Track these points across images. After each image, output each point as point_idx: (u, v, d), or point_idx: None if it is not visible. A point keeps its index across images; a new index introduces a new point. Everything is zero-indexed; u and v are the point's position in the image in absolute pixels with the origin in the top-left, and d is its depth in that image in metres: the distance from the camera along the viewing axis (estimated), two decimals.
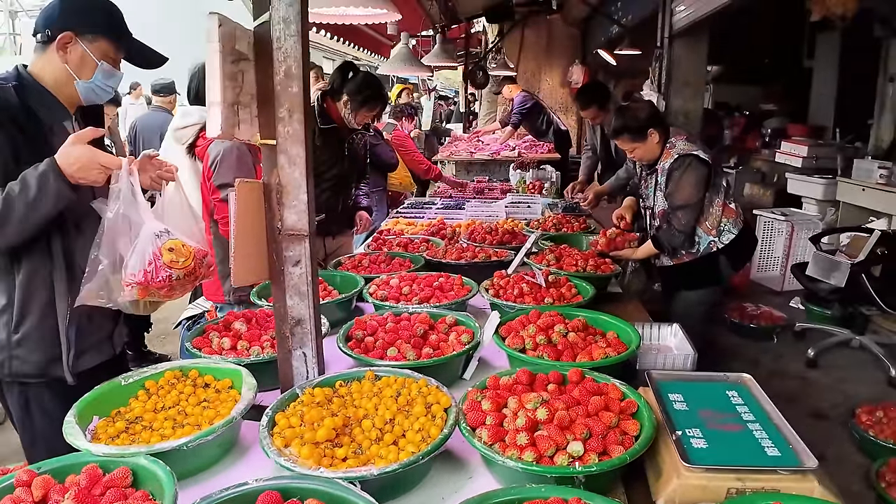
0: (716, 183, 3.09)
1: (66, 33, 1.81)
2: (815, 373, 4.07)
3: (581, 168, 5.02)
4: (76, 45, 1.83)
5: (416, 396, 1.58)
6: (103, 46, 1.88)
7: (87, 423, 1.59)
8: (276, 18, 1.53)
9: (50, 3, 1.86)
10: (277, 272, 1.69)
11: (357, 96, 3.40)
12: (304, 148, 1.58)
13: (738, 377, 1.76)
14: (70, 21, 1.82)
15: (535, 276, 2.55)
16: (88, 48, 1.85)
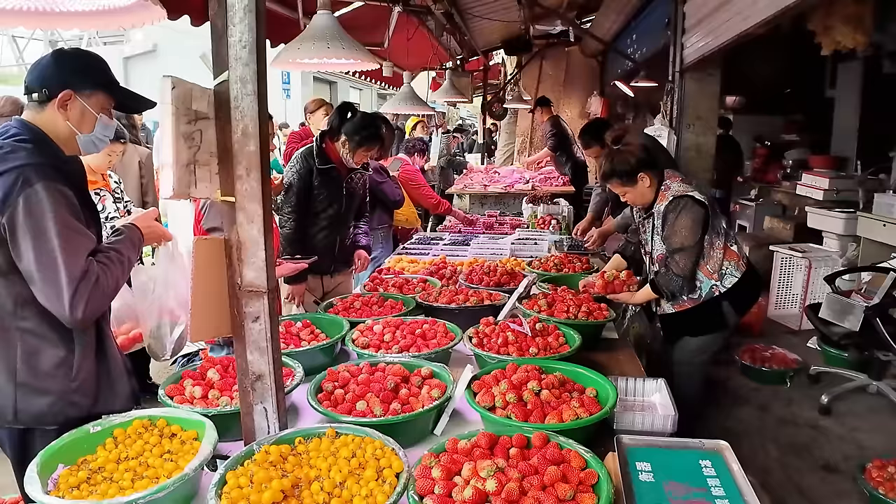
0: (714, 225, 3.01)
1: (65, 91, 1.84)
2: (828, 421, 3.90)
3: (590, 205, 4.95)
4: (75, 102, 1.87)
5: (370, 459, 1.54)
6: (100, 99, 1.93)
7: (52, 472, 1.60)
8: (233, 78, 1.53)
9: (41, 62, 1.90)
10: (239, 327, 1.67)
11: (354, 136, 3.43)
12: (261, 205, 1.58)
13: (714, 444, 1.68)
14: (68, 79, 1.86)
15: (521, 323, 2.50)
16: (87, 103, 1.89)
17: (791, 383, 4.41)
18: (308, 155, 3.52)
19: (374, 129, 3.47)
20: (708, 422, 3.84)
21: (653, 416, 1.96)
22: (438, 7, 4.83)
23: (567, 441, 1.60)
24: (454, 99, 6.68)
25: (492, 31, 8.28)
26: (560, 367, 2.10)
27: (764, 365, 4.47)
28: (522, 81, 9.35)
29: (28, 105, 1.90)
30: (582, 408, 1.81)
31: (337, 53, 2.28)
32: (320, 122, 4.87)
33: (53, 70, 1.86)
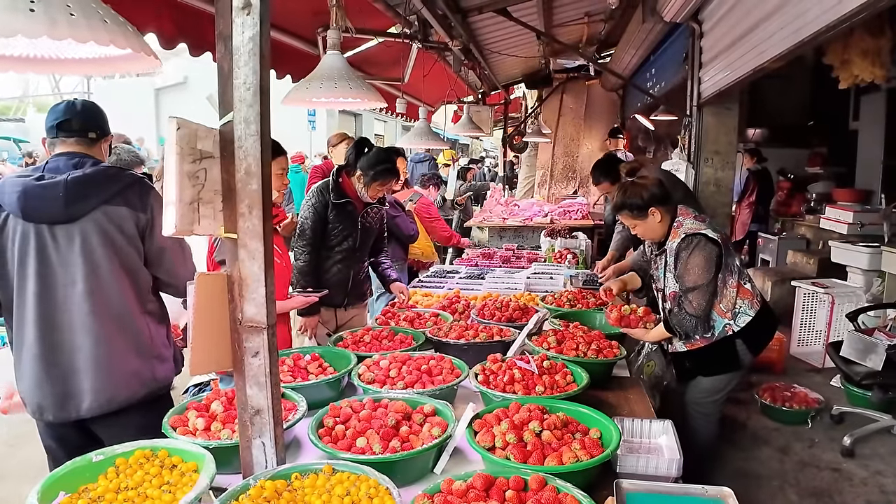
0: (728, 263, 2.97)
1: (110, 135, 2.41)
2: (851, 463, 3.78)
3: (612, 243, 4.88)
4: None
5: (363, 498, 1.54)
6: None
7: (53, 499, 1.62)
8: (237, 119, 1.57)
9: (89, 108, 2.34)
10: (239, 361, 1.69)
11: (369, 171, 3.47)
12: (262, 243, 1.60)
13: (718, 491, 1.63)
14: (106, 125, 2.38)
15: (529, 361, 2.48)
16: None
17: (812, 424, 4.29)
18: (324, 189, 3.57)
19: (389, 164, 3.52)
20: (725, 463, 3.75)
21: (657, 459, 1.92)
22: (456, 43, 4.91)
23: (565, 485, 1.57)
24: (472, 133, 6.75)
25: (512, 66, 8.38)
26: (564, 407, 2.08)
27: (784, 404, 4.36)
28: (543, 115, 9.40)
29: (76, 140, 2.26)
30: (583, 450, 1.78)
31: (344, 93, 2.34)
32: (342, 155, 4.94)
33: (103, 117, 2.36)
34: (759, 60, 3.86)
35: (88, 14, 1.09)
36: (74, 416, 2.22)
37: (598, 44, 7.91)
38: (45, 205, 2.11)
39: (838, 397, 4.61)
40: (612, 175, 4.22)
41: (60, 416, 2.23)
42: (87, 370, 2.19)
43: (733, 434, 4.16)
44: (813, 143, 8.53)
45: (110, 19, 1.14)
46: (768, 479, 3.65)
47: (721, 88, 4.68)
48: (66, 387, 2.20)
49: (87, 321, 2.18)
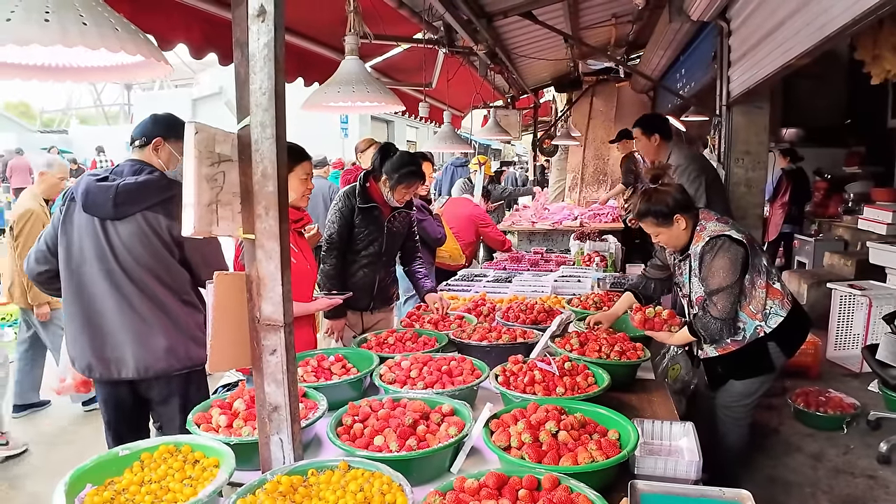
0: (755, 263, 2.91)
1: (157, 139, 2.67)
2: (888, 471, 3.66)
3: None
4: (165, 147, 2.68)
5: (376, 494, 1.55)
6: (180, 146, 2.52)
7: (80, 490, 1.68)
8: (254, 123, 1.61)
9: (143, 120, 2.75)
10: (257, 359, 1.73)
11: (394, 174, 3.50)
12: (278, 243, 1.64)
13: (735, 494, 1.61)
14: (160, 131, 2.67)
15: (550, 362, 2.48)
16: (173, 149, 2.68)
17: (848, 429, 4.18)
18: (350, 194, 3.61)
19: (414, 167, 3.53)
20: (755, 470, 3.67)
21: (676, 461, 1.89)
22: (481, 48, 4.93)
23: (578, 485, 1.57)
24: (499, 137, 6.76)
25: (541, 69, 8.36)
26: (582, 408, 2.07)
27: (819, 409, 4.26)
28: (573, 118, 9.36)
29: (136, 149, 2.70)
30: (599, 450, 1.77)
31: (362, 97, 2.37)
32: (369, 161, 5.00)
33: (151, 125, 2.70)
34: (786, 58, 3.79)
35: (100, 23, 1.14)
36: (117, 377, 2.64)
37: (627, 45, 7.84)
38: (100, 203, 2.54)
39: (876, 402, 4.48)
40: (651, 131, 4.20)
41: (105, 375, 2.65)
42: (128, 342, 2.60)
43: (765, 440, 4.07)
44: (850, 142, 8.32)
45: (121, 27, 1.19)
46: (800, 487, 3.57)
47: (750, 87, 4.60)
48: (111, 353, 2.62)
49: (128, 301, 2.59)
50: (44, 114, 33.22)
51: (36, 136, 25.05)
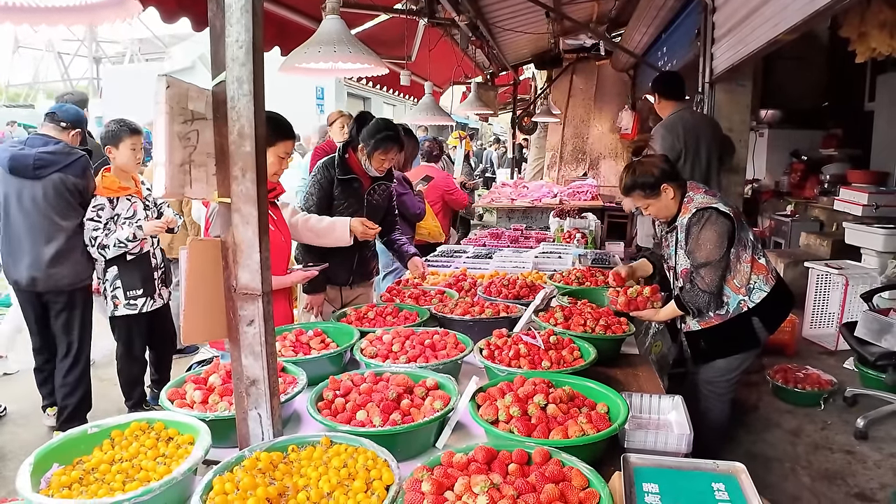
0: (741, 237, 2.89)
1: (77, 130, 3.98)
2: (865, 446, 3.71)
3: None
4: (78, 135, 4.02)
5: (360, 470, 1.48)
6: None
7: (46, 471, 1.59)
8: (230, 78, 1.51)
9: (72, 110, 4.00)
10: (234, 330, 1.64)
11: (370, 140, 3.39)
12: (256, 207, 1.54)
13: (729, 466, 1.57)
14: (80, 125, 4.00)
15: (535, 336, 2.42)
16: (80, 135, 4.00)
17: (825, 406, 4.22)
18: (329, 165, 3.50)
19: (389, 133, 3.40)
20: (735, 445, 3.69)
21: (666, 435, 1.86)
22: (463, 19, 4.81)
23: (570, 458, 1.52)
24: (479, 111, 6.65)
25: (521, 46, 8.26)
26: (570, 382, 2.02)
27: (797, 386, 4.29)
28: (553, 96, 9.27)
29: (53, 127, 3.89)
30: (589, 424, 1.72)
31: (344, 57, 2.26)
32: (337, 133, 4.87)
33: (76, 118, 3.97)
34: (774, 33, 3.75)
35: None
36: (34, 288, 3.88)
37: (609, 22, 7.76)
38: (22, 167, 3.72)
39: (851, 379, 4.53)
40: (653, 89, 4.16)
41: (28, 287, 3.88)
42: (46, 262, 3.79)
43: (744, 416, 4.09)
44: (827, 124, 8.37)
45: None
46: (780, 462, 3.59)
47: (734, 63, 4.56)
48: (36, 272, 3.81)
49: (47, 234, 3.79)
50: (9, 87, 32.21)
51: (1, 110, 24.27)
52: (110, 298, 3.94)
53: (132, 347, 4.11)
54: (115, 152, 3.83)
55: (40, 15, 1.24)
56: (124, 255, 3.89)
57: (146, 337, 4.18)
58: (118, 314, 3.97)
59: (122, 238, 3.78)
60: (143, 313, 4.01)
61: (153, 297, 4.06)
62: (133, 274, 3.94)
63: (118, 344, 4.13)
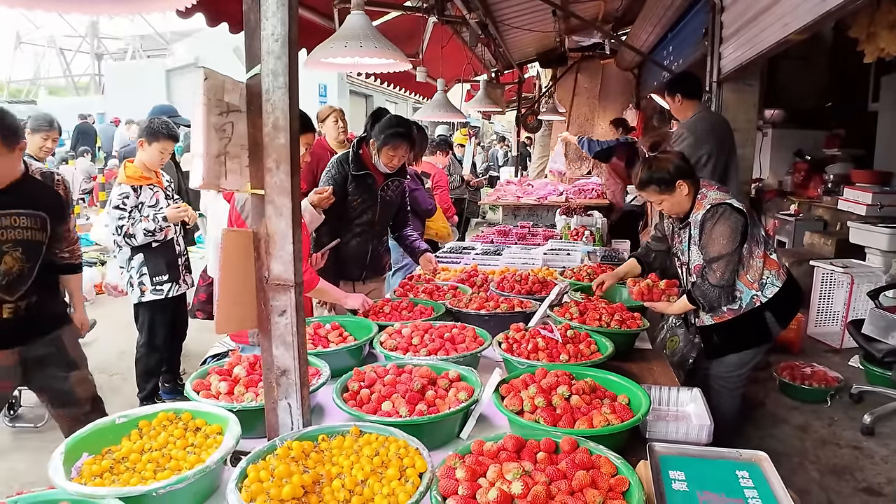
0: (754, 233, 2.92)
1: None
2: (872, 442, 3.74)
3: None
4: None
5: (393, 458, 1.51)
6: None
7: (77, 459, 1.61)
8: (265, 71, 1.53)
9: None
10: (265, 320, 1.67)
11: (380, 136, 3.40)
12: (290, 199, 1.57)
13: (752, 455, 1.60)
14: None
15: (552, 330, 2.45)
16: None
17: (832, 402, 4.25)
18: (344, 161, 3.52)
19: (399, 129, 3.40)
20: (744, 440, 3.71)
21: (687, 425, 1.89)
22: (473, 17, 4.83)
23: (597, 447, 1.55)
24: (488, 109, 6.67)
25: (527, 44, 8.28)
26: (591, 374, 2.05)
27: (804, 382, 4.32)
28: (557, 94, 9.29)
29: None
30: (613, 414, 1.75)
31: (370, 52, 2.28)
32: (331, 129, 4.87)
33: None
34: (784, 33, 3.77)
35: None
36: None
37: (615, 21, 7.78)
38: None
39: (857, 377, 4.56)
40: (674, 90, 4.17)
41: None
42: None
43: (752, 412, 4.12)
44: (831, 124, 8.39)
45: None
46: (788, 457, 3.62)
47: (743, 63, 4.58)
48: None
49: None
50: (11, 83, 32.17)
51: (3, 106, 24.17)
52: (137, 285, 4.00)
53: (154, 337, 4.15)
54: (146, 147, 3.91)
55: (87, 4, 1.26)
56: (149, 243, 3.95)
57: (167, 326, 4.22)
58: (145, 300, 4.03)
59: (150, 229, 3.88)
60: (168, 299, 4.07)
61: (178, 283, 4.13)
62: (159, 261, 4.01)
63: (140, 333, 4.17)
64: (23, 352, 2.73)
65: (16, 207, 2.59)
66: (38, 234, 2.67)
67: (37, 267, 2.68)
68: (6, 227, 2.56)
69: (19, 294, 2.64)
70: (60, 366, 2.89)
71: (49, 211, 2.71)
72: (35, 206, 2.65)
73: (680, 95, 4.31)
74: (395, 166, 3.53)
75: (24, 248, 2.62)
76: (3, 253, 2.56)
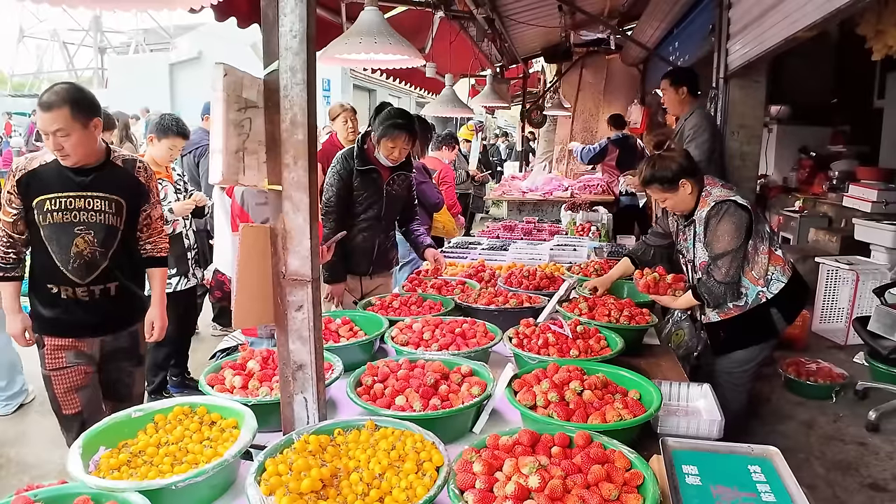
0: (759, 230, 2.93)
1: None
2: (877, 438, 3.76)
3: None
4: None
5: (410, 452, 1.53)
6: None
7: (94, 453, 1.63)
8: (283, 67, 1.54)
9: None
10: (282, 315, 1.68)
11: (379, 127, 3.39)
12: (307, 194, 1.58)
13: (763, 450, 1.62)
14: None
15: (562, 325, 2.46)
16: None
17: (837, 398, 4.27)
18: (349, 156, 3.52)
19: (397, 120, 3.37)
20: (750, 436, 3.73)
21: (698, 420, 1.90)
22: (481, 12, 4.83)
23: (611, 441, 1.56)
24: (494, 104, 6.68)
25: (532, 39, 8.26)
26: (602, 369, 2.06)
27: (809, 379, 4.34)
28: (562, 90, 9.29)
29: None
30: (626, 409, 1.77)
31: (384, 48, 2.29)
32: (340, 129, 4.88)
33: None
34: (792, 30, 3.76)
35: None
36: None
37: (621, 16, 7.77)
38: None
39: (862, 374, 4.57)
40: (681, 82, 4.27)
41: None
42: None
43: (757, 408, 4.14)
44: (836, 121, 8.38)
45: None
46: (793, 452, 3.64)
47: (750, 59, 4.58)
48: None
49: None
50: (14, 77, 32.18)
51: (7, 100, 24.25)
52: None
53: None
54: (155, 143, 3.93)
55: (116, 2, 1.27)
56: None
57: (177, 320, 4.23)
58: None
59: None
60: (176, 293, 4.08)
61: (187, 277, 4.15)
62: None
63: None
64: (105, 342, 2.75)
65: (91, 190, 2.56)
66: (112, 219, 2.61)
67: (110, 253, 2.64)
68: (80, 209, 2.54)
69: (91, 279, 2.61)
70: (132, 360, 2.89)
71: (126, 196, 2.66)
72: (111, 189, 2.60)
73: (686, 89, 4.36)
74: (396, 159, 3.48)
75: (97, 231, 2.58)
76: (75, 235, 2.54)
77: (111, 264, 2.65)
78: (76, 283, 2.60)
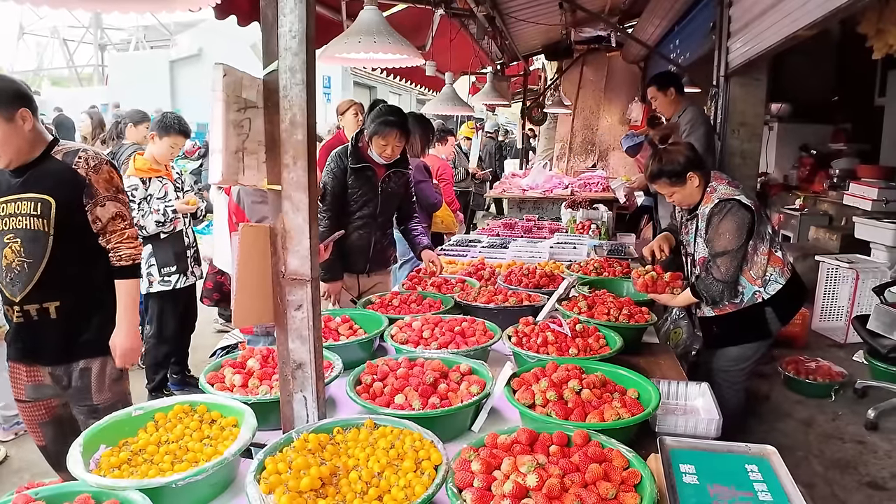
0: (760, 230, 2.93)
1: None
2: (876, 436, 3.77)
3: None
4: None
5: (409, 450, 1.54)
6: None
7: (94, 452, 1.64)
8: (282, 67, 1.55)
9: None
10: (281, 315, 1.69)
11: (371, 125, 3.39)
12: (307, 194, 1.59)
13: (761, 449, 1.63)
14: None
15: (561, 324, 2.47)
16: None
17: (836, 397, 4.28)
18: (343, 154, 3.52)
19: (388, 117, 3.36)
20: (748, 434, 3.74)
21: (696, 419, 1.91)
22: (481, 10, 4.83)
23: (609, 440, 1.57)
24: (495, 102, 6.67)
25: (532, 36, 8.25)
26: (601, 368, 2.07)
27: (808, 377, 4.35)
28: (563, 87, 9.28)
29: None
30: (624, 408, 1.77)
31: (384, 48, 2.30)
32: (350, 122, 4.89)
33: None
34: (793, 28, 3.76)
35: None
36: None
37: (621, 14, 7.76)
38: None
39: (861, 372, 4.58)
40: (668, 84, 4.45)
41: None
42: None
43: (756, 406, 4.15)
44: (837, 119, 8.38)
45: None
46: (792, 450, 3.65)
47: (751, 58, 4.58)
48: None
49: None
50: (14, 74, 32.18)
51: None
52: (145, 276, 4.03)
53: (164, 328, 4.19)
54: (157, 141, 3.94)
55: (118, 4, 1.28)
56: (158, 234, 4.00)
57: (177, 318, 4.25)
58: (153, 291, 4.07)
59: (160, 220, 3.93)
60: (176, 290, 4.11)
61: (186, 275, 4.17)
62: (167, 251, 4.06)
63: (150, 325, 4.22)
64: (55, 374, 2.36)
65: (22, 191, 2.18)
66: (35, 222, 2.18)
67: (42, 264, 2.22)
68: (8, 215, 2.19)
69: (23, 296, 2.23)
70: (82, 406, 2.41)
71: (56, 194, 2.19)
72: (39, 188, 2.18)
73: (674, 90, 4.46)
74: (389, 156, 3.45)
75: (23, 238, 2.18)
76: (4, 245, 2.19)
77: (44, 278, 2.24)
78: (11, 301, 2.26)
